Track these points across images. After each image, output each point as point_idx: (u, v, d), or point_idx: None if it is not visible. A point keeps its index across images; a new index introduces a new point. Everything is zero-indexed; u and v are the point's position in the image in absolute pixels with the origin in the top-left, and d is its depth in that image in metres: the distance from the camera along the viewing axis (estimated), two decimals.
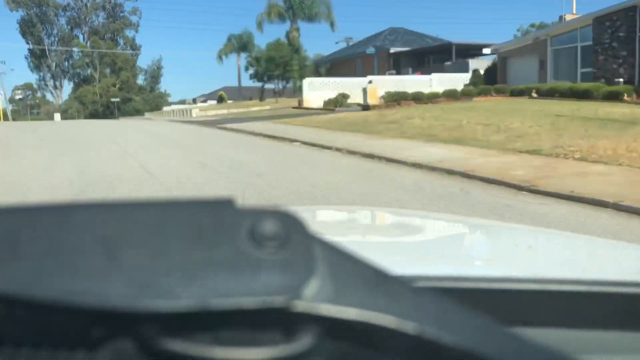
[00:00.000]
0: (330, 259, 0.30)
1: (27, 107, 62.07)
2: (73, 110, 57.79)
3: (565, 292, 0.55)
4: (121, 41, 64.03)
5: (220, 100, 45.16)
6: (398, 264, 0.70)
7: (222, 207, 0.30)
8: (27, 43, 62.93)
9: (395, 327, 0.28)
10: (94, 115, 61.27)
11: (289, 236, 0.29)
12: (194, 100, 68.56)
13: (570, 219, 4.82)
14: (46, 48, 62.47)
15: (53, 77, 64.60)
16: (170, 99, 63.72)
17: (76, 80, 65.15)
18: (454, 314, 0.30)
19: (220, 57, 40.82)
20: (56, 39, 62.68)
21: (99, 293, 0.26)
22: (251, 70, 41.95)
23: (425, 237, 1.13)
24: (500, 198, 5.70)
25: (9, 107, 59.26)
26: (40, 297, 0.26)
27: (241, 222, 0.29)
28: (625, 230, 4.44)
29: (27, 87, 71.84)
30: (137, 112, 62.16)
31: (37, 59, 62.85)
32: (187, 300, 0.26)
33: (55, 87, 65.19)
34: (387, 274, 0.31)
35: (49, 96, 67.12)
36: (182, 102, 63.54)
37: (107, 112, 61.72)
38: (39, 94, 72.28)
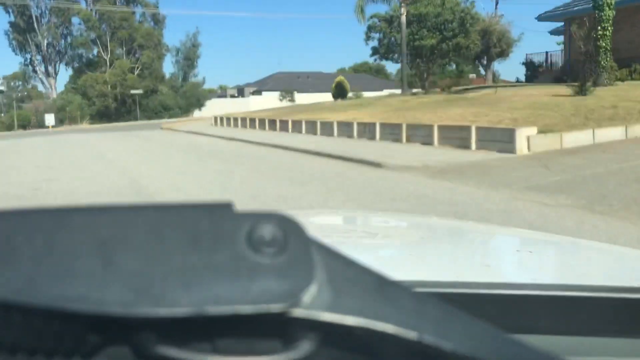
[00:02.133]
0: (329, 264, 0.30)
1: (14, 102, 45.23)
2: (74, 108, 41.08)
3: (566, 298, 0.57)
4: (139, 11, 46.61)
5: (341, 92, 27.40)
6: (397, 270, 0.73)
7: (219, 212, 0.31)
8: (7, 12, 45.63)
9: (395, 334, 0.29)
10: (103, 114, 44.34)
11: (288, 241, 0.30)
12: (240, 92, 51.15)
13: None
14: (33, 17, 45.15)
15: (44, 59, 47.65)
16: (204, 88, 46.47)
17: (77, 65, 48.21)
18: (454, 320, 0.31)
19: (360, 10, 23.38)
20: (48, 6, 45.36)
21: (95, 299, 0.27)
22: (374, 41, 24.55)
23: (425, 242, 1.14)
24: None
25: None
26: (36, 302, 0.27)
27: (239, 227, 0.30)
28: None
29: (17, 76, 55.99)
30: (165, 111, 44.73)
31: (22, 34, 45.69)
32: (185, 306, 0.27)
33: (47, 74, 48.24)
34: (386, 279, 0.31)
35: (40, 87, 49.10)
36: (222, 92, 46.01)
37: (122, 109, 44.84)
38: (30, 85, 55.74)
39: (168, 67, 51.20)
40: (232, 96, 50.62)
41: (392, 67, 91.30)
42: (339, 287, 0.30)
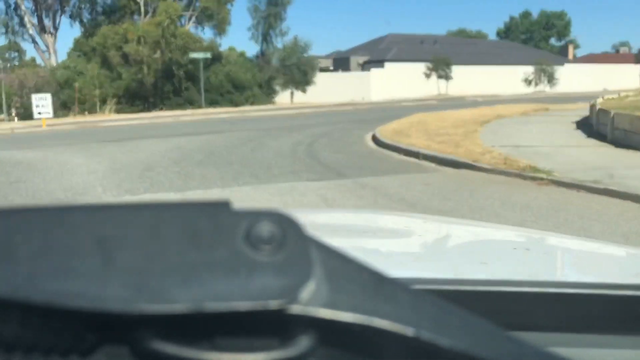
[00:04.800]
0: (326, 261, 0.31)
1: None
2: (87, 82, 23.69)
3: (563, 295, 0.59)
4: None
5: None
6: (395, 267, 0.76)
7: (218, 209, 0.32)
8: None
9: (393, 330, 0.30)
10: (136, 95, 26.94)
11: (286, 238, 0.31)
12: (340, 63, 34.23)
13: None
14: None
15: (37, 5, 30.63)
16: (311, 55, 29.26)
17: (88, 15, 31.34)
18: (451, 316, 0.32)
19: None
20: None
21: (93, 295, 0.28)
22: None
23: (423, 239, 1.18)
24: None
25: None
26: (34, 299, 0.27)
27: (237, 224, 0.31)
28: None
29: (14, 47, 40.06)
30: (237, 91, 27.81)
31: None
32: (183, 303, 0.28)
33: (41, 29, 31.29)
34: (384, 276, 0.32)
35: (32, 52, 31.39)
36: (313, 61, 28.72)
37: (165, 87, 27.31)
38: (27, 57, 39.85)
39: (240, 20, 31.65)
40: (324, 69, 33.50)
41: None
42: (337, 284, 0.31)
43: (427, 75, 30.97)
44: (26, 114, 25.04)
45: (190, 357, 0.29)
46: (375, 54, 35.83)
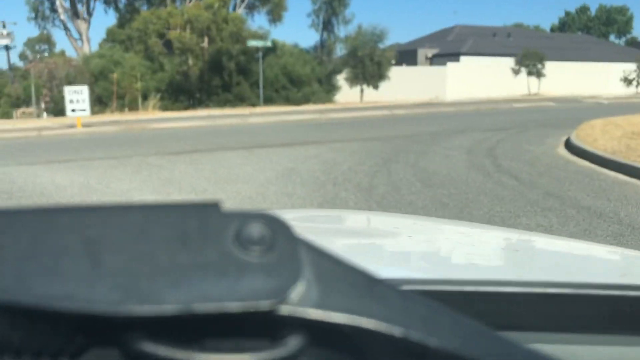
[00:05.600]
0: (316, 262, 0.32)
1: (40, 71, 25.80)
2: (124, 75, 20.14)
3: (550, 295, 0.60)
4: None
5: None
6: (385, 268, 0.77)
7: (207, 210, 0.32)
8: None
9: (382, 331, 0.30)
10: (180, 89, 23.56)
11: (275, 239, 0.31)
12: (406, 55, 30.48)
13: None
14: None
15: None
16: (388, 46, 25.39)
17: (126, 0, 28.46)
18: (441, 317, 0.32)
19: None
20: None
21: (82, 297, 0.28)
22: None
23: (412, 240, 1.18)
24: None
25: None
26: (22, 301, 0.27)
27: (227, 225, 0.31)
28: None
29: (44, 38, 37.49)
30: (294, 86, 24.24)
31: None
32: (172, 304, 0.28)
33: (74, 14, 28.29)
34: (373, 277, 0.33)
35: (63, 45, 29.01)
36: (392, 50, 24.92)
37: (214, 81, 23.87)
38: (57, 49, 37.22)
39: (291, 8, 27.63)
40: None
41: None
42: (327, 284, 0.31)
43: (516, 72, 27.01)
44: (56, 109, 21.88)
45: (180, 358, 0.29)
46: (445, 47, 32.02)
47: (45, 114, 24.21)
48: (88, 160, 8.59)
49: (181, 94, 24.26)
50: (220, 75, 24.47)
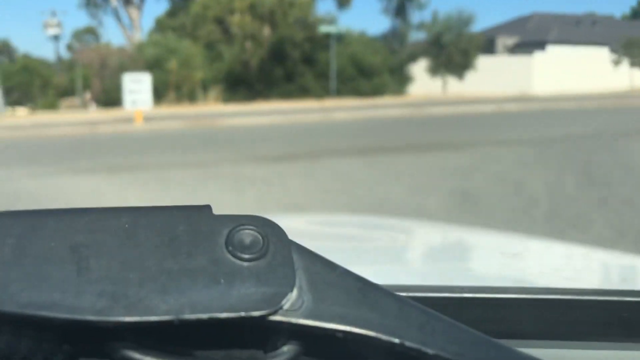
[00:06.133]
0: (310, 268, 0.31)
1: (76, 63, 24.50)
2: (180, 63, 18.06)
3: (550, 301, 0.60)
4: None
5: None
6: (380, 274, 0.77)
7: (198, 214, 0.31)
8: None
9: (377, 339, 0.30)
10: (237, 81, 21.37)
11: (268, 245, 0.30)
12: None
13: None
14: None
15: None
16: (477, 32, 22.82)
17: None
18: (437, 324, 0.32)
19: None
20: None
21: (69, 305, 0.27)
22: None
23: (408, 245, 1.18)
24: None
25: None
26: (7, 309, 0.27)
27: (218, 230, 0.30)
28: None
29: (91, 30, 36.31)
30: (363, 76, 21.86)
31: None
32: (161, 312, 0.27)
33: (126, 3, 26.61)
34: (368, 283, 0.32)
35: (110, 36, 26.73)
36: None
37: (276, 72, 21.59)
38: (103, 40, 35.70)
39: None
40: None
41: None
42: (320, 292, 0.30)
43: (616, 62, 24.07)
44: (108, 100, 20.19)
45: None
46: (526, 36, 29.15)
47: (94, 105, 22.70)
48: (164, 168, 6.54)
49: (240, 85, 22.27)
50: (283, 64, 22.37)
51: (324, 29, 20.43)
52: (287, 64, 22.31)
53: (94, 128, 11.43)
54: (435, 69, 22.69)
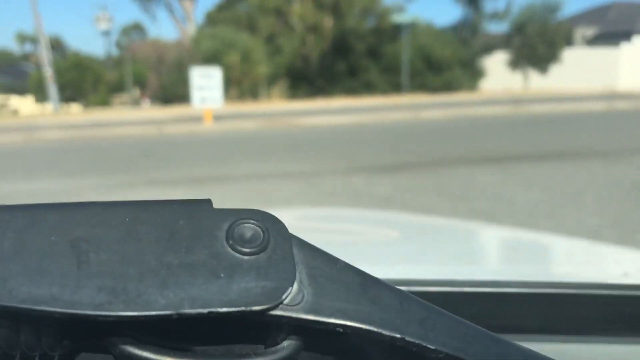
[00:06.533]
0: (310, 262, 0.31)
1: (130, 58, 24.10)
2: (242, 60, 17.07)
3: (551, 295, 0.60)
4: None
5: None
6: (381, 268, 0.77)
7: (198, 208, 0.31)
8: None
9: (378, 333, 0.30)
10: (298, 76, 20.30)
11: (268, 239, 0.31)
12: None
13: None
14: None
15: None
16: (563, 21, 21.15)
17: None
18: (438, 319, 0.32)
19: None
20: None
21: (68, 300, 0.27)
22: None
23: (409, 239, 1.18)
24: None
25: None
26: (6, 303, 0.27)
27: (218, 224, 0.31)
28: None
29: (135, 27, 37.89)
30: (433, 70, 20.34)
31: None
32: (161, 307, 0.28)
33: None
34: (369, 278, 0.32)
35: (158, 30, 26.10)
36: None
37: (338, 66, 20.44)
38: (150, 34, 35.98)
39: None
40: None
41: None
42: (321, 286, 0.30)
43: None
44: (165, 96, 19.42)
45: None
46: (606, 26, 27.09)
47: (147, 102, 22.06)
48: (260, 179, 5.43)
49: (302, 80, 21.19)
50: (346, 58, 21.17)
51: (396, 18, 19.08)
52: (350, 58, 21.11)
53: (161, 128, 10.48)
54: (516, 62, 21.06)
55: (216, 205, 0.32)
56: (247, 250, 0.30)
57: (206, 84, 10.44)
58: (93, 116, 15.51)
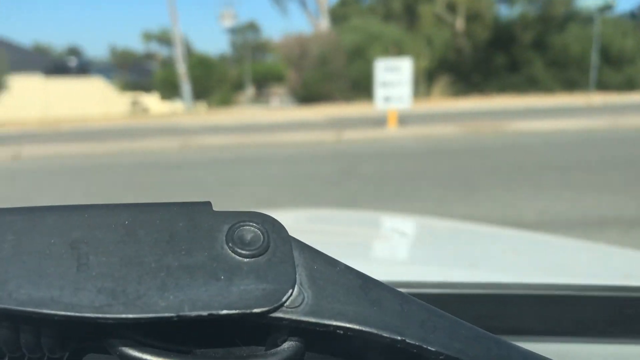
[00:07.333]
0: (310, 265, 0.31)
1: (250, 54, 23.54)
2: (388, 54, 15.10)
3: (552, 297, 0.60)
4: None
5: None
6: (382, 270, 0.77)
7: (198, 210, 0.32)
8: None
9: (378, 335, 0.30)
10: (451, 71, 17.72)
11: (268, 241, 0.31)
12: None
13: None
14: None
15: None
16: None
17: None
18: (439, 321, 0.32)
19: None
20: None
21: (67, 302, 0.27)
22: None
23: (410, 241, 1.17)
24: None
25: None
26: (6, 306, 0.27)
27: (218, 226, 0.31)
28: None
29: (249, 26, 37.50)
30: (610, 67, 16.53)
31: None
32: (161, 309, 0.28)
33: None
34: (370, 280, 0.32)
35: (298, 19, 26.00)
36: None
37: (498, 60, 17.71)
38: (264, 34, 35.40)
39: None
40: None
41: None
42: (321, 288, 0.31)
43: None
44: (307, 94, 18.06)
45: None
46: None
47: (276, 100, 20.96)
48: (549, 220, 3.49)
49: (453, 75, 19.01)
50: (507, 50, 18.73)
51: (582, 2, 16.37)
52: (511, 50, 18.65)
53: (340, 134, 8.83)
54: None
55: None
56: (247, 252, 0.30)
57: (392, 79, 8.62)
58: (233, 117, 14.31)
